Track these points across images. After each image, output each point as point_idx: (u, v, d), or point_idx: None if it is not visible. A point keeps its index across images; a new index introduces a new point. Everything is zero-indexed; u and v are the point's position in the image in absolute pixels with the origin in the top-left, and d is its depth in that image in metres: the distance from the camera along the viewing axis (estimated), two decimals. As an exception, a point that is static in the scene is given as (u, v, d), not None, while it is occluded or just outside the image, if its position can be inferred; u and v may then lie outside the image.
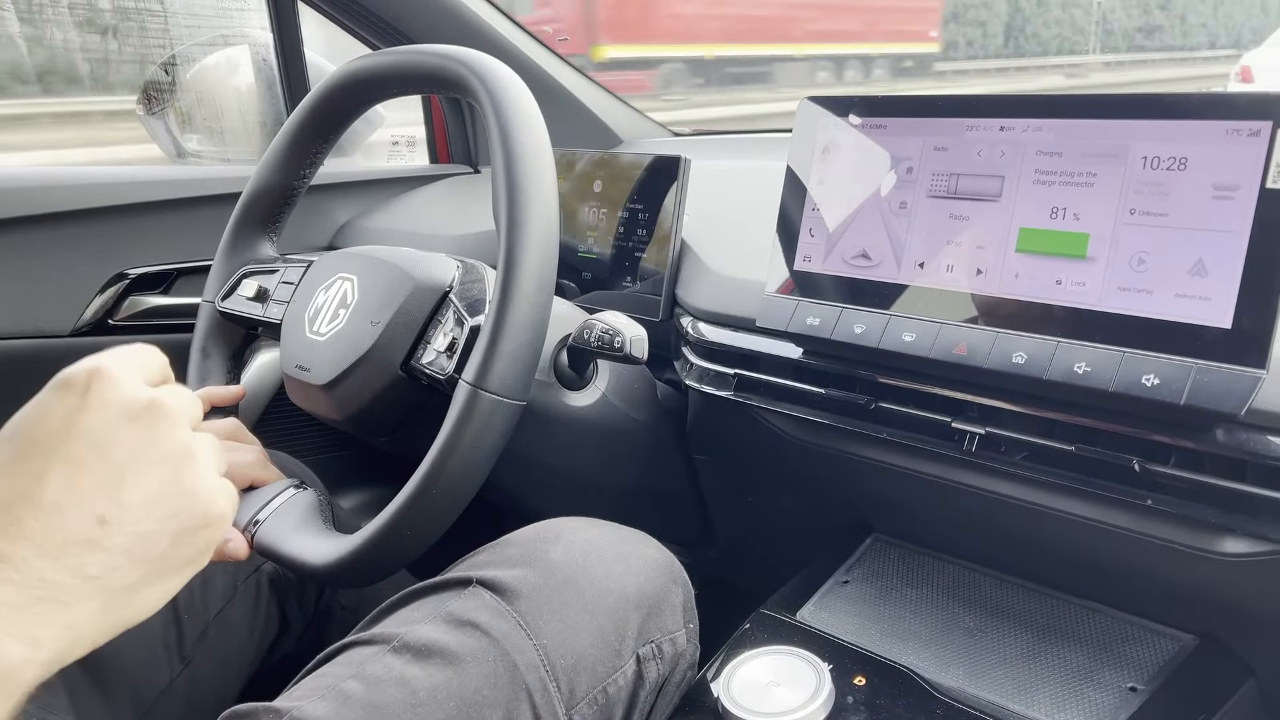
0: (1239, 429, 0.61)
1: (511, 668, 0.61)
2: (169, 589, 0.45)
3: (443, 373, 0.74)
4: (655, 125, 1.58)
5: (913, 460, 0.78)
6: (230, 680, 0.86)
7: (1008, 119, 0.69)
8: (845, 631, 0.78)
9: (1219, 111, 0.60)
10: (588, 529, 0.72)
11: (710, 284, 0.92)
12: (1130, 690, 0.70)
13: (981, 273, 0.69)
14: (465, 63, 0.74)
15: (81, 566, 0.40)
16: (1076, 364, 0.64)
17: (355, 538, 0.68)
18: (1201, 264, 0.60)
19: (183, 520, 0.44)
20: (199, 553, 0.46)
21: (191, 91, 1.34)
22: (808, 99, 0.80)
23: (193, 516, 0.45)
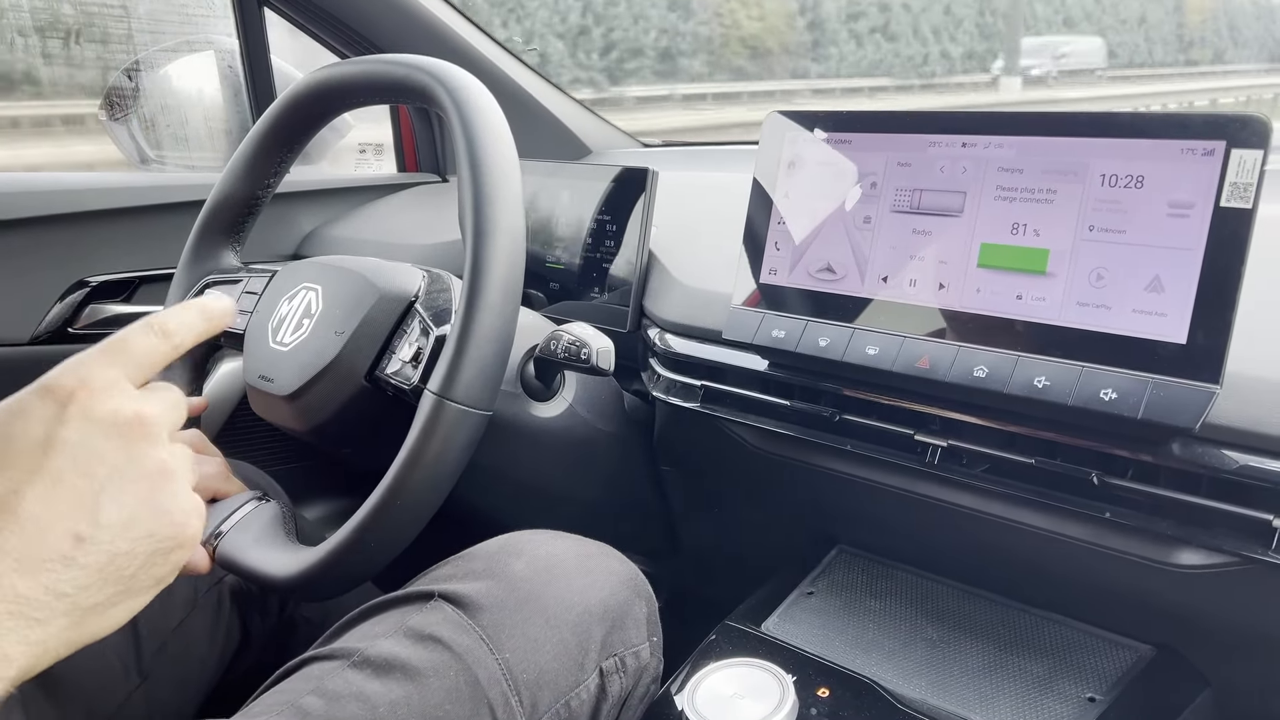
0: (1194, 443, 0.62)
1: (473, 682, 0.61)
2: (135, 607, 0.45)
3: (408, 383, 0.74)
4: (624, 136, 1.58)
5: (876, 472, 0.78)
6: (190, 695, 0.84)
7: (969, 135, 0.70)
8: (809, 643, 0.78)
9: (1175, 131, 0.61)
10: (551, 542, 0.72)
11: (677, 296, 0.93)
12: (1089, 700, 0.71)
13: (944, 287, 0.70)
14: (432, 73, 0.74)
15: (56, 584, 0.40)
16: (1036, 378, 0.64)
17: (318, 550, 0.67)
18: (1158, 280, 0.61)
19: (156, 541, 0.45)
20: (169, 573, 0.46)
21: (155, 97, 1.33)
22: (775, 112, 0.81)
23: (167, 538, 0.45)
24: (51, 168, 1.68)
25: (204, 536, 0.72)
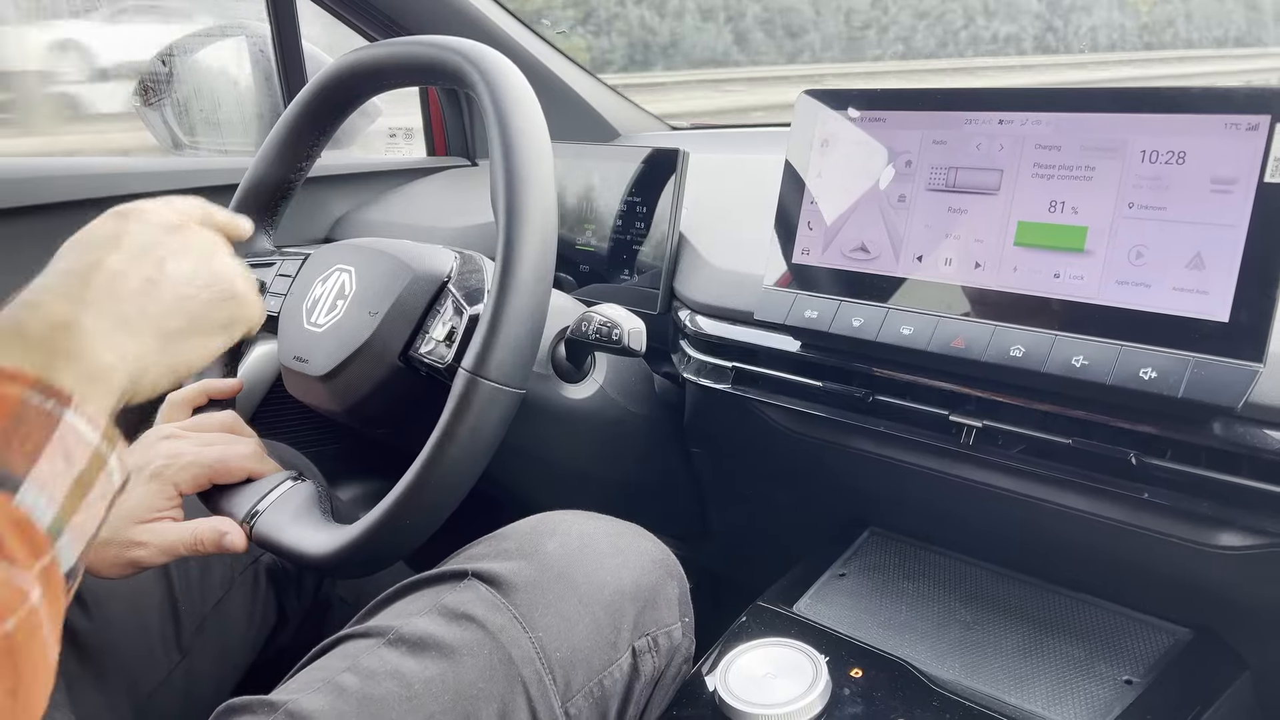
0: (1236, 422, 0.61)
1: (507, 660, 0.61)
2: (210, 344, 0.56)
3: (441, 361, 0.74)
4: (652, 119, 1.57)
5: (910, 454, 0.78)
6: (228, 672, 0.86)
7: (1006, 112, 0.69)
8: (842, 624, 0.78)
9: (1217, 105, 0.60)
10: (584, 522, 0.72)
11: (708, 277, 0.92)
12: (1126, 683, 0.70)
13: (980, 266, 0.69)
14: (464, 54, 0.73)
15: (141, 305, 0.50)
16: (1074, 357, 0.64)
17: (353, 529, 0.68)
18: (1199, 257, 0.60)
19: (213, 290, 0.56)
20: (230, 320, 0.57)
21: (189, 83, 1.34)
22: (806, 92, 0.80)
23: (221, 289, 0.56)
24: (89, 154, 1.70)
25: (240, 515, 0.72)
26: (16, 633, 0.37)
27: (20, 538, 0.39)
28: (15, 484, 0.39)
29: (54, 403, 0.42)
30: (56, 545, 0.41)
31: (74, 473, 0.42)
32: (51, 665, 0.40)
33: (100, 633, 0.77)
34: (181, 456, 0.73)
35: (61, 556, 0.41)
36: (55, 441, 0.41)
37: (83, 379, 0.44)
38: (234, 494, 0.75)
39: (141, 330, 0.50)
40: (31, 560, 0.39)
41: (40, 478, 0.40)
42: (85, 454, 0.42)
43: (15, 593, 0.37)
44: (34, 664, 0.38)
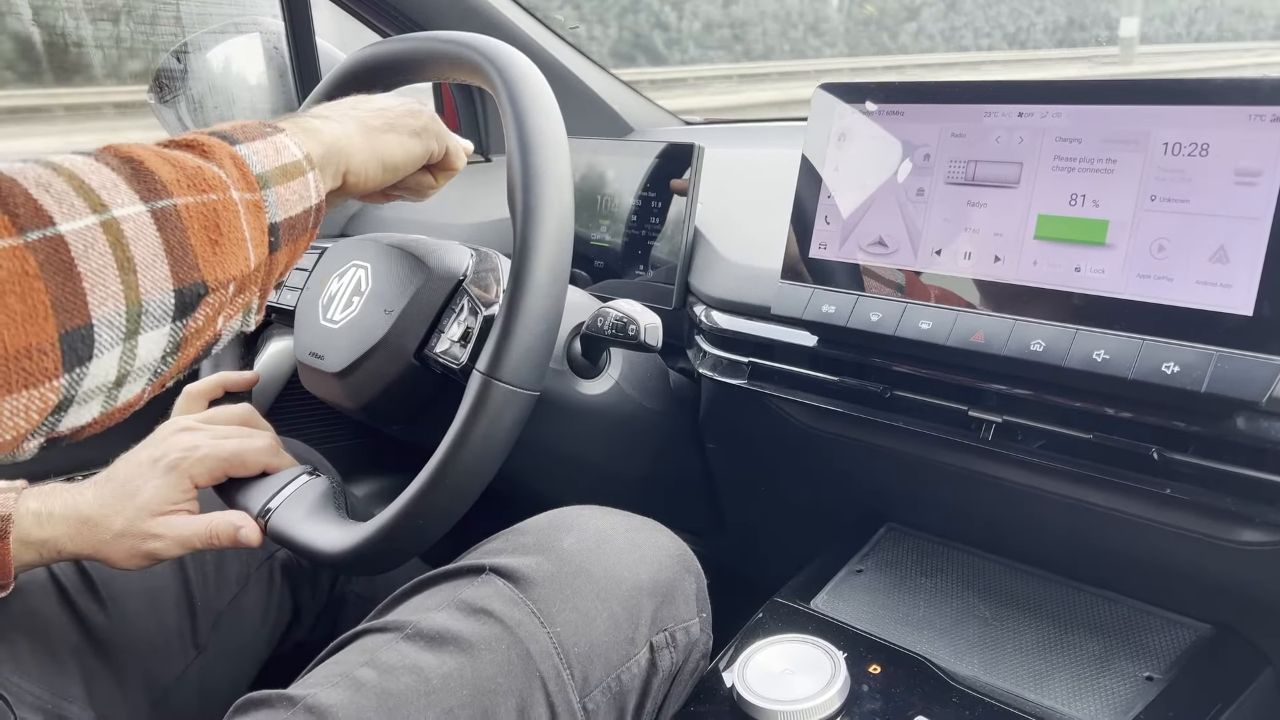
0: (1260, 417, 0.60)
1: (525, 655, 0.61)
2: (409, 144, 0.68)
3: (456, 362, 0.74)
4: (667, 114, 1.57)
5: (928, 449, 0.77)
6: (244, 667, 0.86)
7: (1026, 105, 0.68)
8: (860, 620, 0.78)
9: (1241, 96, 0.60)
10: (601, 517, 0.72)
11: (724, 272, 0.92)
12: (1147, 679, 0.69)
13: (999, 260, 0.69)
14: (480, 50, 0.73)
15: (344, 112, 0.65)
16: (1095, 352, 0.63)
17: (368, 525, 0.68)
18: (1223, 251, 0.60)
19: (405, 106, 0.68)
20: (421, 127, 0.69)
21: (203, 79, 1.34)
22: (822, 86, 0.79)
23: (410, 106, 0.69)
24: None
25: (255, 511, 0.72)
26: (218, 204, 0.49)
27: (235, 166, 0.51)
28: (235, 140, 0.53)
29: (270, 129, 0.56)
30: (263, 193, 0.53)
31: (281, 161, 0.55)
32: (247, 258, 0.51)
33: (117, 628, 0.77)
34: (197, 449, 0.73)
35: (268, 206, 0.53)
36: (269, 141, 0.55)
37: (295, 127, 0.59)
38: (249, 488, 0.75)
39: (343, 120, 0.63)
40: (241, 185, 0.51)
41: (255, 149, 0.54)
42: (290, 156, 0.56)
43: (220, 182, 0.50)
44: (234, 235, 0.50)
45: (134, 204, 0.45)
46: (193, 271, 0.47)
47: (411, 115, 0.68)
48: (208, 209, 0.48)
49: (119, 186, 0.45)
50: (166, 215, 0.46)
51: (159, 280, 0.45)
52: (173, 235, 0.46)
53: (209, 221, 0.48)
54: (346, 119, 0.64)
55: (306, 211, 0.57)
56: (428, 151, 0.70)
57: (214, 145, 0.51)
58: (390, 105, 0.67)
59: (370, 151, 0.64)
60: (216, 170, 0.50)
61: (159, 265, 0.45)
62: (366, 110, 0.66)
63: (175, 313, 0.47)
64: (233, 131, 0.54)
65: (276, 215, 0.54)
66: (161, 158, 0.48)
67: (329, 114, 0.64)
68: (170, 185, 0.47)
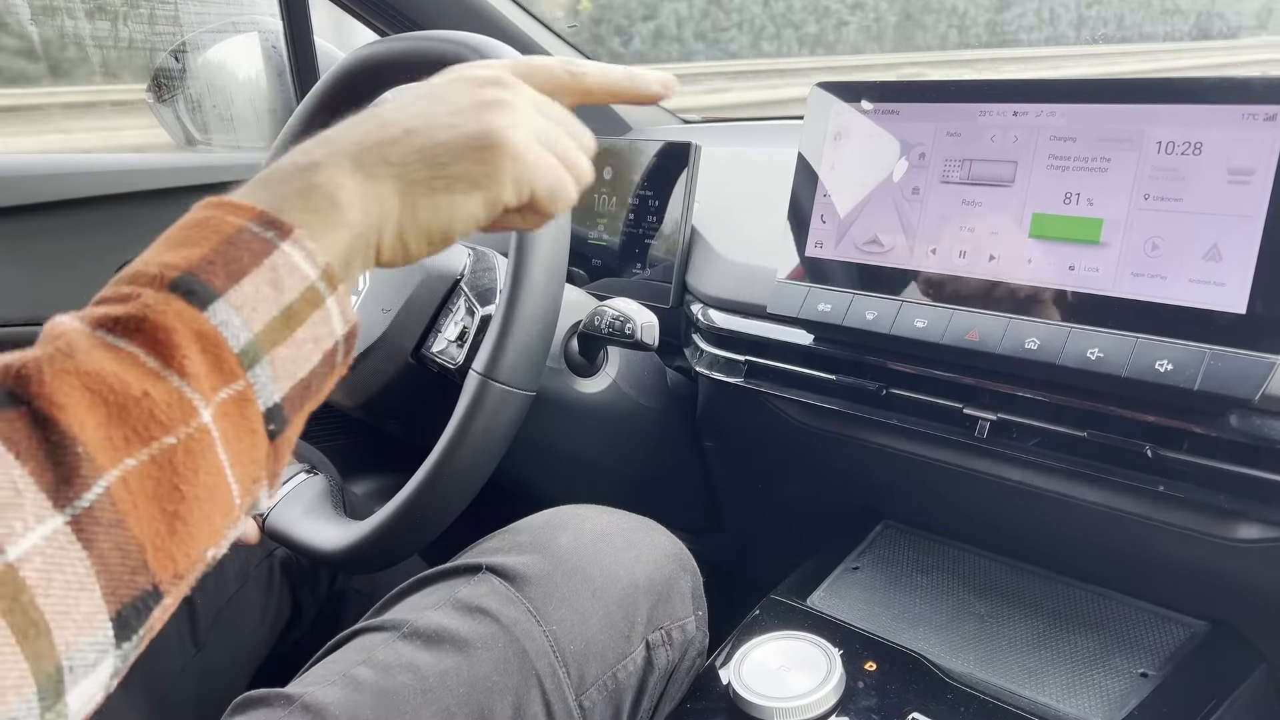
0: (1253, 414, 0.60)
1: (521, 654, 0.62)
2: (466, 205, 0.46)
3: (453, 362, 0.75)
4: (664, 112, 1.57)
5: (924, 447, 0.78)
6: (243, 665, 0.86)
7: (1021, 104, 0.68)
8: (856, 617, 0.78)
9: (1234, 95, 0.60)
10: (597, 516, 0.72)
11: (720, 271, 0.92)
12: (1141, 676, 0.70)
13: (994, 258, 0.69)
14: (478, 48, 0.73)
15: (384, 155, 0.43)
16: (1089, 350, 0.63)
17: (365, 524, 0.68)
18: (1216, 249, 0.60)
19: (470, 140, 0.45)
20: (484, 175, 0.46)
21: (201, 79, 1.34)
22: (819, 85, 0.80)
23: (480, 140, 0.45)
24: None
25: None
26: (178, 449, 0.34)
27: (203, 354, 0.35)
28: (209, 298, 0.36)
29: (274, 233, 0.38)
30: (251, 373, 0.37)
31: (281, 302, 0.38)
32: (228, 505, 0.37)
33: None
34: None
35: (260, 388, 0.37)
36: (265, 268, 0.38)
37: (309, 211, 0.40)
38: None
39: (379, 174, 0.43)
40: (215, 380, 0.36)
41: (239, 297, 0.37)
42: (297, 286, 0.39)
43: (181, 407, 0.35)
44: (200, 492, 0.35)
45: (43, 522, 0.31)
46: (136, 578, 0.34)
47: (472, 154, 0.45)
48: (160, 467, 0.34)
49: (23, 496, 0.31)
50: (95, 517, 0.32)
51: (86, 620, 0.32)
52: (106, 542, 0.32)
53: (162, 486, 0.34)
54: (383, 172, 0.43)
55: (329, 355, 0.41)
56: (497, 206, 0.46)
57: (172, 324, 0.35)
58: (457, 137, 0.45)
59: (411, 221, 0.44)
60: (176, 386, 0.35)
61: (84, 601, 0.32)
62: (412, 152, 0.44)
63: (114, 641, 0.33)
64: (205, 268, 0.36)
65: (275, 394, 0.38)
66: (92, 393, 0.33)
67: (359, 157, 0.43)
68: (99, 457, 0.32)
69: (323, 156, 0.42)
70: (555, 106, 0.50)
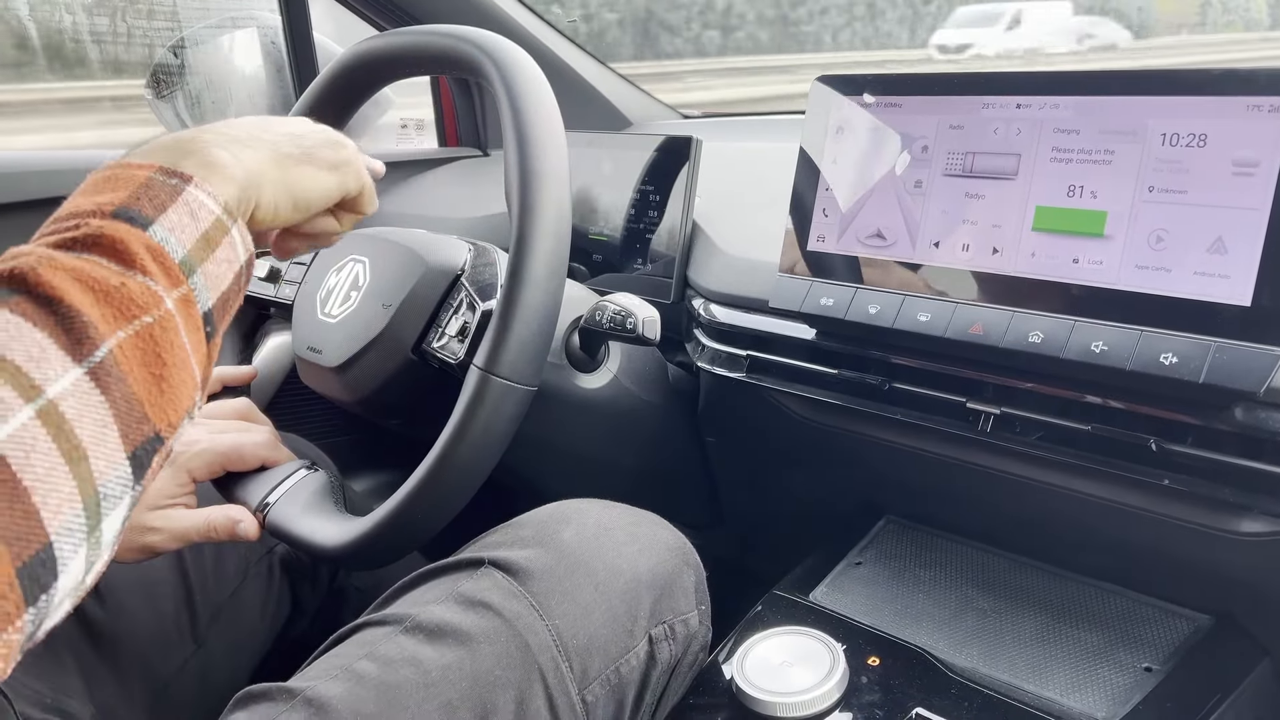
0: (1258, 407, 0.60)
1: (524, 648, 0.61)
2: (325, 180, 0.59)
3: (454, 357, 0.74)
4: (665, 107, 1.57)
5: (927, 441, 0.77)
6: (243, 661, 0.86)
7: (1024, 96, 0.68)
8: (859, 612, 0.78)
9: (1239, 87, 0.60)
10: (600, 510, 0.72)
11: (722, 265, 0.92)
12: (1146, 670, 0.70)
13: (998, 251, 0.69)
14: (477, 43, 0.73)
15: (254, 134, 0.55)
16: (1093, 343, 0.63)
17: (366, 520, 0.68)
18: (1221, 241, 0.60)
19: (323, 134, 0.60)
20: (341, 161, 0.60)
21: (200, 75, 1.34)
22: (820, 79, 0.79)
23: (330, 135, 0.60)
24: (99, 147, 1.70)
25: (253, 505, 0.73)
26: (155, 326, 0.41)
27: (156, 261, 0.43)
28: (146, 222, 0.43)
29: (177, 180, 0.46)
30: (191, 280, 0.44)
31: (200, 228, 0.46)
32: (194, 379, 0.44)
33: (116, 622, 0.77)
34: (196, 444, 0.73)
35: (198, 294, 0.45)
36: (181, 202, 0.45)
37: (202, 166, 0.48)
38: (247, 482, 0.75)
39: (253, 146, 0.53)
40: (167, 283, 0.43)
41: (168, 223, 0.44)
42: (208, 217, 0.47)
43: (152, 295, 0.42)
44: (176, 361, 0.42)
45: (68, 371, 0.37)
46: (143, 425, 0.40)
47: (331, 147, 0.59)
48: (144, 339, 0.41)
49: (47, 352, 0.37)
50: (106, 370, 0.39)
51: (111, 455, 0.39)
52: (117, 392, 0.39)
53: (149, 354, 0.41)
54: (259, 144, 0.54)
55: (237, 275, 0.49)
56: (343, 189, 0.61)
57: (125, 237, 0.42)
58: (307, 132, 0.59)
59: (283, 184, 0.55)
60: (141, 280, 0.42)
61: (109, 437, 0.39)
62: (281, 134, 0.56)
63: (133, 480, 0.40)
64: (134, 203, 0.44)
65: (209, 300, 0.46)
66: (80, 283, 0.39)
67: (237, 135, 0.53)
68: (99, 326, 0.39)
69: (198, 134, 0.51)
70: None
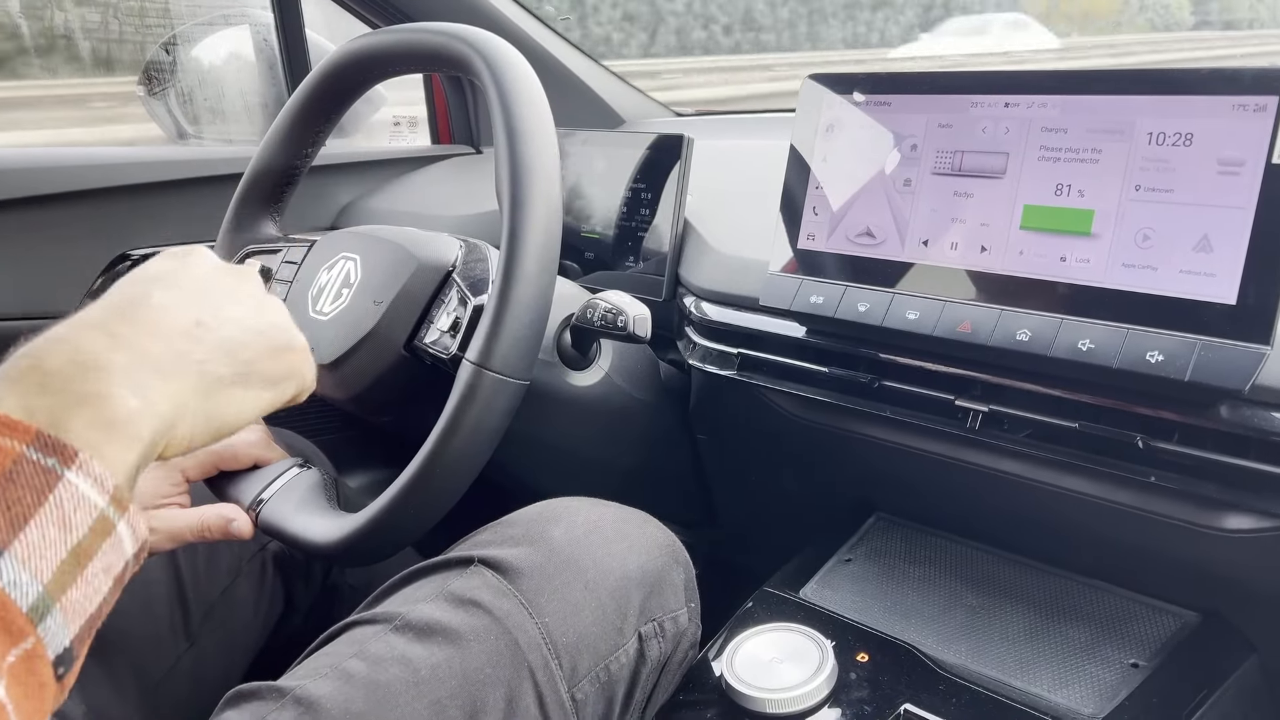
0: (1243, 405, 0.60)
1: (513, 646, 0.62)
2: (258, 401, 0.50)
3: (446, 352, 0.74)
4: (657, 105, 1.57)
5: (916, 438, 0.78)
6: (236, 659, 0.86)
7: (1012, 95, 0.68)
8: (848, 609, 0.78)
9: (1225, 86, 0.60)
10: (589, 508, 0.72)
11: (713, 263, 0.92)
12: (1132, 666, 0.70)
13: (986, 250, 0.69)
14: (468, 41, 0.73)
15: (182, 350, 0.45)
16: (1080, 341, 0.63)
17: (358, 516, 0.68)
18: (1206, 240, 0.60)
19: (267, 339, 0.50)
20: (284, 374, 0.51)
21: (193, 72, 1.34)
22: (810, 77, 0.80)
23: (276, 338, 0.51)
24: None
25: (246, 502, 0.73)
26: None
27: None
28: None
29: (54, 461, 0.36)
30: (41, 626, 0.35)
31: (70, 542, 0.36)
32: None
33: (108, 620, 0.77)
34: None
35: (49, 639, 0.35)
36: (50, 505, 0.35)
37: (97, 427, 0.39)
38: (240, 480, 0.75)
39: (178, 373, 0.44)
40: (4, 646, 0.33)
41: (23, 549, 0.34)
42: (86, 520, 0.37)
43: None
44: None
45: None
46: None
47: (274, 356, 0.50)
48: None
49: None
50: None
51: None
52: None
53: None
54: (184, 369, 0.44)
55: (119, 578, 0.39)
56: (281, 401, 0.52)
57: None
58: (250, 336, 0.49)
59: (203, 414, 0.46)
60: None
61: None
62: (216, 347, 0.47)
63: None
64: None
65: (64, 640, 0.36)
66: None
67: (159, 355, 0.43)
68: None
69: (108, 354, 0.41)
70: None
